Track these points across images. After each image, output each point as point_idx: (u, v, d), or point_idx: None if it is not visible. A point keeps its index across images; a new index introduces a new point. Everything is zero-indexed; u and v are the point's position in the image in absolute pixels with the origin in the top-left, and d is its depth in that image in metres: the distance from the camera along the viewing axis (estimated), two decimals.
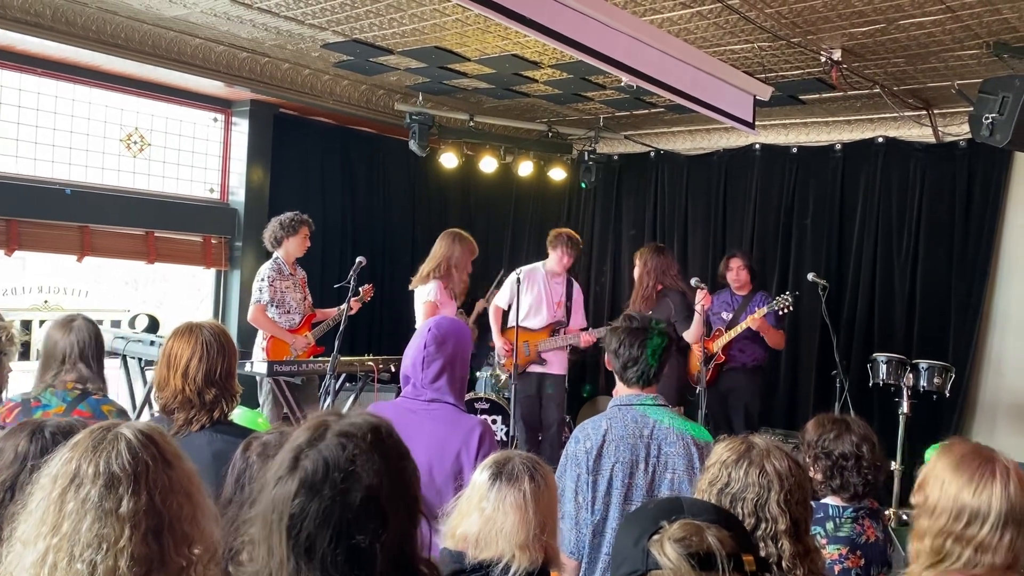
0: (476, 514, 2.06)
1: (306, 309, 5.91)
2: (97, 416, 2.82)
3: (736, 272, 6.31)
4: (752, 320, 6.00)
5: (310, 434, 1.42)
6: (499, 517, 2.03)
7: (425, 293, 5.57)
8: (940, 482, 1.89)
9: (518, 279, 5.89)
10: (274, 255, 5.82)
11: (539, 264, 6.26)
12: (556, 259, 6.15)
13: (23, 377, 4.32)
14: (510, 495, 2.05)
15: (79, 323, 2.98)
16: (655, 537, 1.24)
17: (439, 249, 5.71)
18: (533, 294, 6.14)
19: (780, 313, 6.07)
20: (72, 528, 1.37)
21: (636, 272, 6.16)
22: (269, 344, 5.66)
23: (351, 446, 1.39)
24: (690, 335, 5.86)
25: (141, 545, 1.38)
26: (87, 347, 2.94)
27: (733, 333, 6.10)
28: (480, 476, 2.13)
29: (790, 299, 5.98)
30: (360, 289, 6.03)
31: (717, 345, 6.16)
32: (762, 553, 1.83)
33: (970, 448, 1.93)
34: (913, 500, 1.98)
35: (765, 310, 6.02)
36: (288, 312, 5.76)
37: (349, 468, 1.37)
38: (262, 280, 5.67)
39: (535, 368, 6.12)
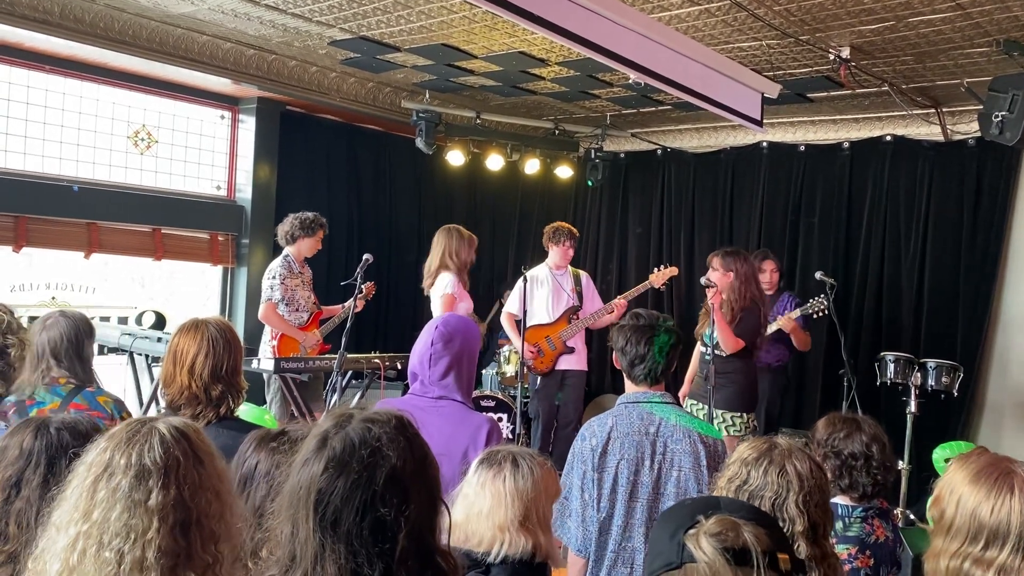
0: (460, 500, 2.09)
1: (312, 307, 5.91)
2: (94, 408, 2.85)
3: (769, 275, 6.18)
4: (787, 320, 5.94)
5: (336, 421, 1.47)
6: (479, 500, 2.07)
7: (442, 286, 5.55)
8: (956, 498, 1.75)
9: (524, 281, 5.87)
10: (284, 252, 5.79)
11: (541, 265, 6.28)
12: (560, 253, 6.16)
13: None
14: (488, 476, 2.10)
15: (53, 320, 2.96)
16: (691, 531, 1.24)
17: (438, 243, 5.71)
18: (545, 292, 6.15)
19: (815, 316, 6.01)
20: (102, 516, 1.40)
21: (727, 281, 5.10)
22: (279, 342, 5.66)
23: (376, 428, 1.44)
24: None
25: (168, 538, 1.41)
26: (59, 345, 2.92)
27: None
28: (471, 467, 2.18)
29: (825, 302, 5.84)
30: (363, 287, 6.03)
31: None
32: None
33: (988, 460, 1.79)
34: (929, 515, 1.87)
35: (799, 312, 5.96)
36: (297, 310, 5.76)
37: (376, 445, 1.41)
38: (273, 278, 5.65)
39: (562, 364, 6.11)
